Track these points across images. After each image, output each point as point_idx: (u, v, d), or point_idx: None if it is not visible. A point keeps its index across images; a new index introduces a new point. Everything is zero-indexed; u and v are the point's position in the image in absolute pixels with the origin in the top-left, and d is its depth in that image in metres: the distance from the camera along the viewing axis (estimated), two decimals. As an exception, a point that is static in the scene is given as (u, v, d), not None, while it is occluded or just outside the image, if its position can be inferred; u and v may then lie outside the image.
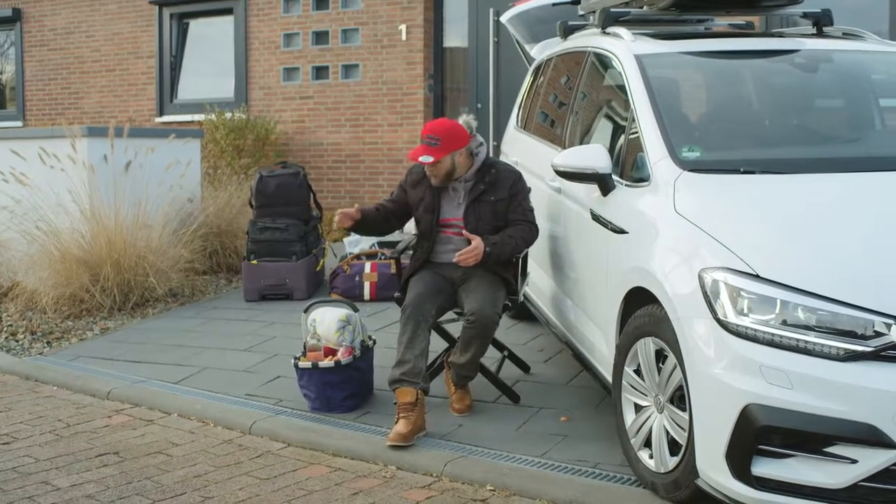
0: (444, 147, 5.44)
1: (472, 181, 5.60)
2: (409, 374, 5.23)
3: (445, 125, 5.55)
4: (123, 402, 6.25)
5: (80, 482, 4.92)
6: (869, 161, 4.80)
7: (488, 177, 5.58)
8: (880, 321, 3.57)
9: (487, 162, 5.64)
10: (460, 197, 5.62)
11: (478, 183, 5.59)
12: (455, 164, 5.53)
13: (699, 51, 5.56)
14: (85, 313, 8.27)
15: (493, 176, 5.59)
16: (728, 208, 4.28)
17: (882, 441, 3.49)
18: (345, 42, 12.62)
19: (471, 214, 5.56)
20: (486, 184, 5.57)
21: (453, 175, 5.56)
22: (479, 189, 5.57)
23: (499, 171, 5.64)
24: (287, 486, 4.81)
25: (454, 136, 5.50)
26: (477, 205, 5.57)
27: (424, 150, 5.46)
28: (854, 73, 5.56)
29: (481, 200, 5.57)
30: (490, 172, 5.60)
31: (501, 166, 5.74)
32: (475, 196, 5.57)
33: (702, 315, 3.88)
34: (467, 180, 5.60)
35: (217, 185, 10.43)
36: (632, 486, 4.50)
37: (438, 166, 5.49)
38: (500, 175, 5.62)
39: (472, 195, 5.58)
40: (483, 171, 5.61)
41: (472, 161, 5.59)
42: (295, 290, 8.61)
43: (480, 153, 5.62)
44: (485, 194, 5.57)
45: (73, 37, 14.82)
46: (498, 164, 5.74)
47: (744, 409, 3.67)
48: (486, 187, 5.57)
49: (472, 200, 5.58)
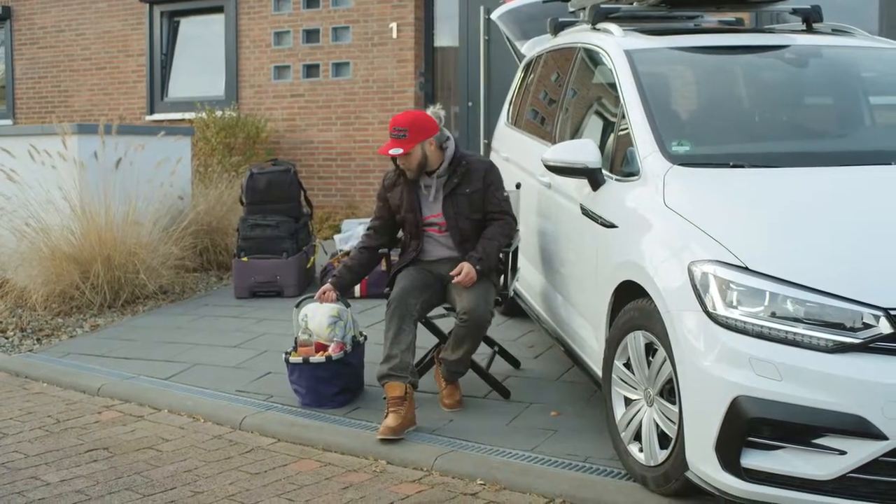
0: (412, 138, 5.44)
1: (444, 176, 5.60)
2: (397, 369, 5.23)
3: (410, 116, 5.55)
4: (113, 398, 6.25)
5: (69, 477, 4.92)
6: (858, 155, 4.81)
7: (460, 169, 5.59)
8: (869, 313, 3.58)
9: (457, 155, 5.64)
10: (433, 194, 5.62)
11: (451, 177, 5.59)
12: (426, 154, 5.52)
13: (689, 46, 5.57)
14: (75, 310, 8.26)
15: (465, 167, 5.60)
16: (717, 202, 4.29)
17: (870, 432, 3.50)
18: (335, 40, 12.62)
19: (449, 208, 5.56)
20: (458, 176, 5.58)
21: (426, 166, 5.55)
22: (453, 182, 5.57)
23: (469, 162, 5.65)
24: (277, 480, 4.81)
25: (421, 125, 5.49)
26: (453, 198, 5.57)
27: (393, 144, 5.45)
28: (843, 69, 5.57)
29: (456, 193, 5.58)
30: (461, 164, 5.60)
31: (472, 157, 5.74)
32: (450, 190, 5.57)
33: (691, 308, 3.89)
34: (440, 175, 5.60)
35: (208, 182, 10.41)
36: (622, 479, 4.50)
37: (410, 158, 5.48)
38: (472, 166, 5.62)
39: (446, 189, 5.58)
40: (454, 164, 5.60)
41: (442, 155, 5.59)
42: (285, 286, 8.60)
43: (449, 147, 5.62)
44: (459, 187, 5.58)
45: (63, 35, 14.80)
46: (468, 155, 5.73)
47: (733, 401, 3.68)
48: (460, 180, 5.58)
49: (447, 194, 5.58)
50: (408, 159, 5.50)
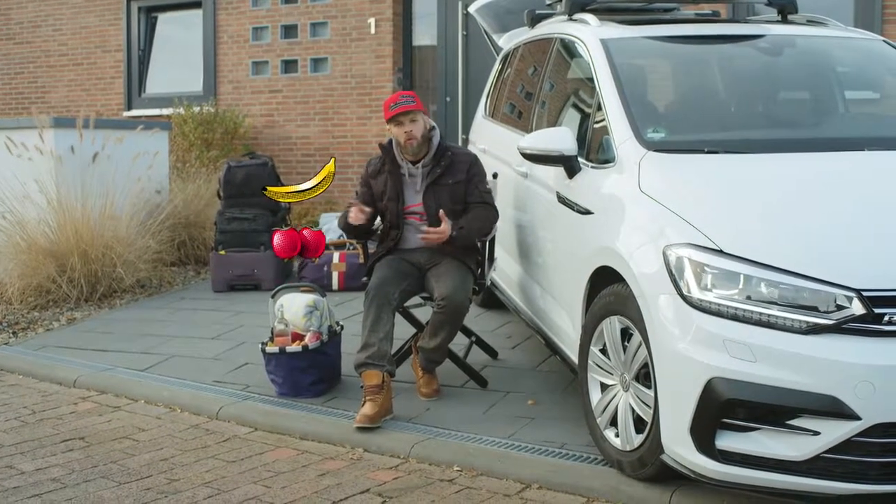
0: (419, 103, 5.56)
1: (429, 166, 5.61)
2: (375, 357, 5.23)
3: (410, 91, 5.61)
4: (90, 389, 6.22)
5: (45, 466, 4.90)
6: (831, 142, 4.84)
7: (444, 160, 5.61)
8: (842, 294, 3.60)
9: (442, 145, 5.67)
10: (418, 183, 5.63)
11: (434, 167, 5.60)
12: (426, 128, 5.57)
13: (665, 35, 5.60)
14: (52, 304, 8.21)
15: (449, 158, 5.62)
16: (692, 186, 4.31)
17: (844, 413, 3.52)
18: (314, 36, 12.60)
19: (430, 199, 5.57)
20: (442, 167, 5.59)
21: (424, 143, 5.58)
22: (437, 172, 5.59)
23: (454, 153, 5.68)
24: (254, 468, 4.81)
25: (420, 101, 5.63)
26: (435, 188, 5.59)
27: (405, 107, 5.52)
28: (817, 58, 5.61)
29: (439, 184, 5.59)
30: (446, 155, 5.63)
31: (456, 149, 5.78)
32: (433, 179, 5.59)
33: (667, 291, 3.90)
34: (425, 165, 5.61)
35: (185, 177, 10.38)
36: (598, 465, 4.52)
37: (418, 125, 5.53)
38: (456, 158, 5.65)
39: (429, 179, 5.59)
40: (439, 154, 5.63)
41: (428, 144, 5.61)
42: (263, 280, 8.58)
43: (434, 137, 5.65)
44: (442, 178, 5.59)
45: (39, 30, 14.71)
46: (452, 147, 5.77)
47: (708, 382, 3.69)
48: (443, 170, 5.59)
49: (430, 184, 5.59)
50: (416, 126, 5.53)
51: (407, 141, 5.52)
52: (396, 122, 5.53)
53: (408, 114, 5.50)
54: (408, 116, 5.50)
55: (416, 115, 5.52)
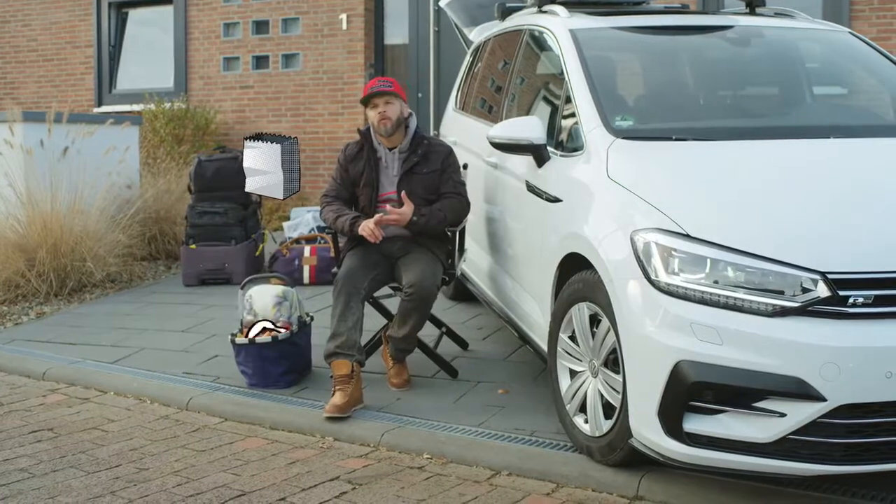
0: (396, 89, 5.58)
1: (406, 153, 5.62)
2: (344, 347, 5.22)
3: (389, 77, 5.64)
4: (59, 381, 6.20)
5: (12, 457, 4.87)
6: (798, 130, 4.87)
7: (421, 149, 5.62)
8: (807, 277, 3.62)
9: (419, 134, 5.68)
10: (394, 170, 5.63)
11: (411, 155, 5.61)
12: (402, 114, 5.57)
13: (634, 26, 5.62)
14: (21, 298, 8.17)
15: (426, 147, 5.64)
16: (659, 172, 4.33)
17: (809, 394, 3.54)
18: (285, 31, 12.59)
19: (404, 187, 5.56)
20: (418, 156, 5.61)
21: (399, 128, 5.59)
22: (413, 161, 5.60)
23: (431, 143, 5.71)
24: (223, 457, 4.80)
25: (399, 87, 5.65)
26: (410, 177, 5.59)
27: (381, 89, 5.56)
28: (784, 48, 5.64)
29: (414, 172, 5.60)
30: (423, 144, 5.65)
31: (433, 140, 5.82)
32: (408, 168, 5.59)
33: (635, 276, 3.91)
34: (401, 152, 5.61)
35: (156, 172, 10.35)
36: (568, 451, 4.53)
37: (392, 107, 5.53)
38: (433, 148, 5.68)
39: (405, 167, 5.60)
40: (416, 142, 5.64)
41: (405, 132, 5.61)
42: (234, 274, 8.56)
43: (411, 124, 5.66)
44: (418, 166, 5.60)
45: (8, 26, 14.63)
46: (429, 137, 5.81)
47: (675, 366, 3.70)
48: (419, 159, 5.60)
49: (405, 172, 5.59)
50: (390, 108, 5.53)
51: (380, 122, 5.53)
52: (371, 104, 5.54)
53: (382, 95, 5.51)
54: (382, 98, 5.51)
55: (392, 99, 5.53)
